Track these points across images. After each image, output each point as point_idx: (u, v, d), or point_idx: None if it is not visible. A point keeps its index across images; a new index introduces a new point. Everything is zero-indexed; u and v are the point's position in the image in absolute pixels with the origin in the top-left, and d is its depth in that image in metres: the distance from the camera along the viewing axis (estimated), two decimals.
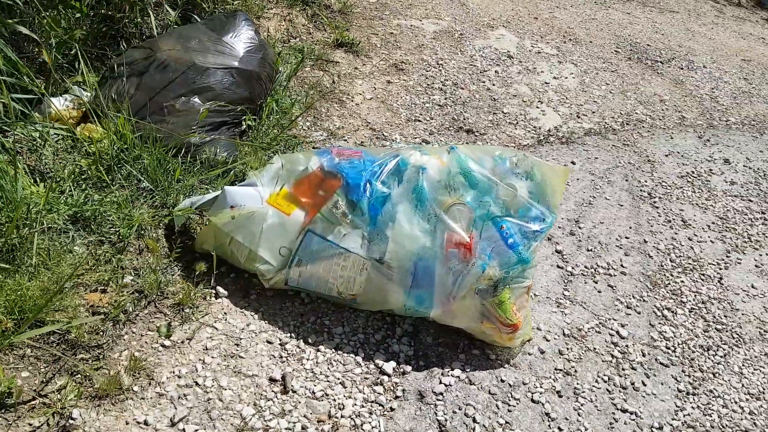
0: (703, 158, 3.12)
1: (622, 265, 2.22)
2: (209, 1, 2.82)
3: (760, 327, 2.14)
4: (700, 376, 1.88)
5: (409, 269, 1.69)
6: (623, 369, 1.84)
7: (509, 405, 1.64)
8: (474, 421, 1.61)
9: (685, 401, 1.80)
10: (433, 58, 3.65)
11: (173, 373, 1.58)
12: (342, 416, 1.56)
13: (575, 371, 1.79)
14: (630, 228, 2.44)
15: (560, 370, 1.78)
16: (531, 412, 1.66)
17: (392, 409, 1.59)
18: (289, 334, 1.76)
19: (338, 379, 1.65)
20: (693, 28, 5.04)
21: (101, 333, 1.63)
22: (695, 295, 2.18)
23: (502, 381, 1.70)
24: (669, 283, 2.20)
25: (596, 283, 2.12)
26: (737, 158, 3.20)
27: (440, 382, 1.67)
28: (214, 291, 1.86)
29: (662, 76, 3.96)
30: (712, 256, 2.41)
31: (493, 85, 3.50)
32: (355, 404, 1.59)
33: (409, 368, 1.70)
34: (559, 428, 1.64)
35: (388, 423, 1.57)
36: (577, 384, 1.76)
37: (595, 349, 1.88)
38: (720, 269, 2.35)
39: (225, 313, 1.80)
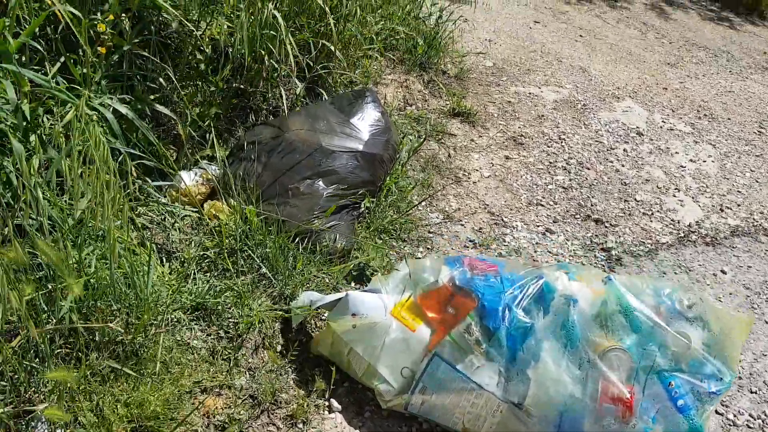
0: None
1: None
2: (334, 73, 2.78)
3: None
4: None
5: (552, 420, 1.47)
6: None
7: None
8: None
9: None
10: (554, 132, 3.43)
11: None
12: None
13: None
14: None
15: None
16: None
17: None
18: None
19: None
20: None
21: None
22: None
23: None
24: None
25: None
26: None
27: None
28: (328, 404, 1.72)
29: None
30: None
31: (623, 166, 3.23)
32: None
33: None
34: None
35: None
36: None
37: None
38: None
39: None
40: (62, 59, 1.62)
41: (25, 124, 1.43)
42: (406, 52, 3.62)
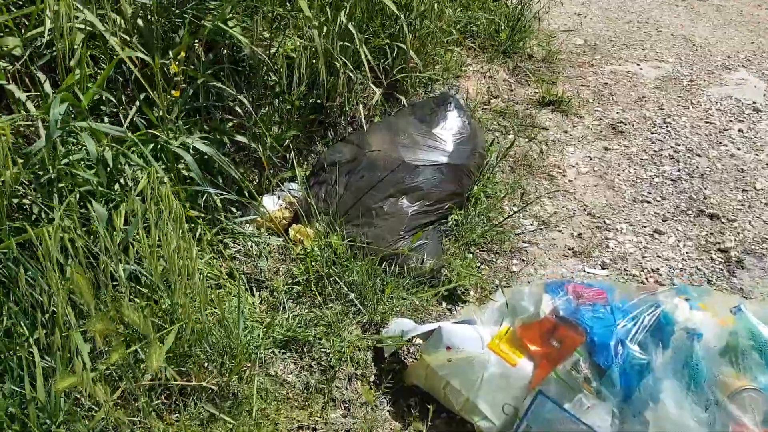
0: None
1: None
2: (412, 76, 2.66)
3: None
4: None
5: None
6: None
7: None
8: None
9: None
10: (658, 115, 3.13)
11: None
12: None
13: None
14: None
15: None
16: None
17: None
18: None
19: None
20: None
21: None
22: None
23: None
24: None
25: None
26: None
27: None
28: None
29: None
30: None
31: (738, 149, 2.89)
32: None
33: None
34: None
35: None
36: None
37: None
38: None
39: None
40: (137, 103, 1.62)
41: (107, 170, 1.44)
42: (487, 38, 3.43)
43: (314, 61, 2.12)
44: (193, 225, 1.76)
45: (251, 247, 1.97)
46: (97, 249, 1.34)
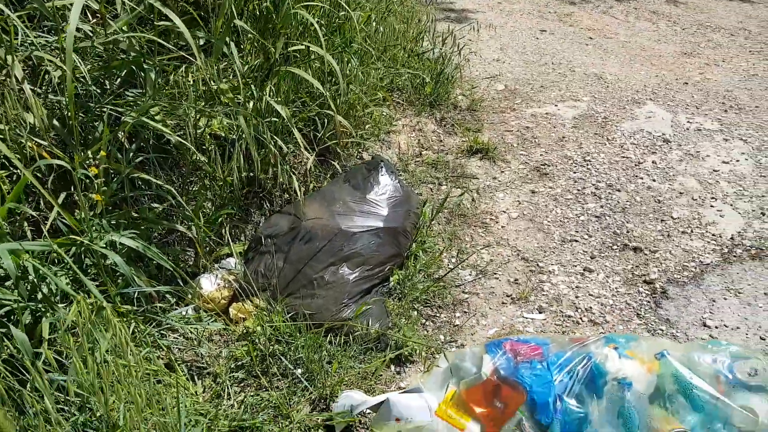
0: None
1: None
2: (343, 140, 2.72)
3: None
4: None
5: None
6: None
7: None
8: None
9: None
10: (578, 154, 3.31)
11: None
12: None
13: None
14: None
15: None
16: None
17: None
18: None
19: None
20: None
21: None
22: None
23: None
24: None
25: None
26: None
27: None
28: None
29: None
30: None
31: (653, 180, 3.09)
32: None
33: None
34: None
35: None
36: None
37: None
38: None
39: None
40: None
41: (29, 281, 1.41)
42: (413, 92, 3.55)
43: (243, 137, 2.14)
44: (125, 320, 1.73)
45: (190, 332, 1.94)
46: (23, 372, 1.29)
